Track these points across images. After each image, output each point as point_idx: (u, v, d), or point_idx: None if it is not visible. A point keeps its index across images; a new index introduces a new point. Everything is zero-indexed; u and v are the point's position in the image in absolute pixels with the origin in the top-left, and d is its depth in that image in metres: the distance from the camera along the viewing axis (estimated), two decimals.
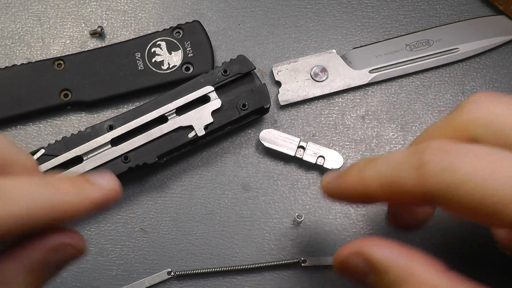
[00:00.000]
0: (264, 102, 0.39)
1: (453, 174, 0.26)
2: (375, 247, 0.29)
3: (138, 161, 0.38)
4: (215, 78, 0.39)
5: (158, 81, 0.41)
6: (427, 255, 0.29)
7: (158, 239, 0.39)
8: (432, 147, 0.27)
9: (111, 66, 0.41)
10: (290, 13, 0.44)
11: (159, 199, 0.40)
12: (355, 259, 0.29)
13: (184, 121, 0.38)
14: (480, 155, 0.26)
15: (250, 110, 0.39)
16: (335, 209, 0.40)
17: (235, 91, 0.40)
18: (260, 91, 0.39)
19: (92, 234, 0.39)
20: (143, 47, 0.41)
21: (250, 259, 0.39)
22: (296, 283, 0.39)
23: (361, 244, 0.29)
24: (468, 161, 0.26)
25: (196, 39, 0.42)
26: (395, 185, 0.28)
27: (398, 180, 0.28)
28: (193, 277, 0.39)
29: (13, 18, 0.43)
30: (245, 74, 0.40)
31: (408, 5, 0.44)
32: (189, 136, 0.38)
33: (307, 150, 0.40)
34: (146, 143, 0.38)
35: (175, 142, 0.38)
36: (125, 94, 0.41)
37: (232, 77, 0.39)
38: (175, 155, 0.40)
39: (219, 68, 0.39)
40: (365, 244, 0.29)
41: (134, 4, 0.44)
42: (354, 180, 0.30)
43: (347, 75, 0.42)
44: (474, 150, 0.26)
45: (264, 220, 0.40)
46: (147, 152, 0.38)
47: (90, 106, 0.41)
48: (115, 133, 0.38)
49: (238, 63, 0.39)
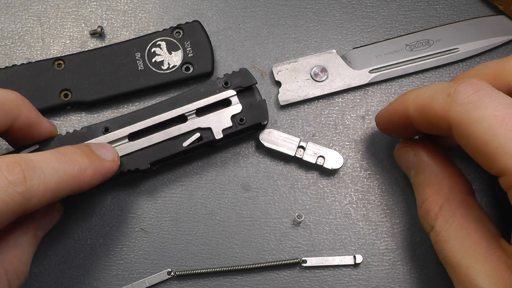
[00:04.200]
0: (262, 119, 0.39)
1: (474, 111, 0.29)
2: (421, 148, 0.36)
3: (130, 166, 0.37)
4: (215, 89, 0.39)
5: (158, 81, 0.41)
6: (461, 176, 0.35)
7: (158, 239, 0.39)
8: (468, 81, 0.31)
9: (111, 66, 0.41)
10: (290, 13, 0.44)
11: (159, 199, 0.40)
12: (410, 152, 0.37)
13: (203, 123, 0.38)
14: (504, 105, 0.29)
15: (247, 125, 0.38)
16: (335, 209, 0.40)
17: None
18: (259, 107, 0.39)
19: (93, 234, 0.39)
20: (143, 47, 0.41)
21: (250, 259, 0.39)
22: (296, 283, 0.39)
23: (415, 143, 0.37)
24: (491, 105, 0.29)
25: (196, 39, 0.42)
26: (428, 107, 0.32)
27: (430, 102, 0.32)
28: (193, 277, 0.39)
29: (13, 18, 0.43)
30: (246, 88, 0.39)
31: (408, 5, 0.44)
32: (183, 144, 0.38)
33: (307, 150, 0.40)
34: (141, 148, 0.38)
35: (169, 150, 0.38)
36: (125, 94, 0.41)
37: (233, 90, 0.39)
38: (168, 163, 0.39)
39: (221, 79, 0.39)
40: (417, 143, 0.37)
41: (134, 4, 0.44)
42: (398, 102, 0.35)
43: (347, 75, 0.42)
44: (501, 98, 0.29)
45: (264, 220, 0.40)
46: (141, 158, 0.37)
47: (90, 106, 0.41)
48: (110, 137, 0.37)
49: (240, 76, 0.39)
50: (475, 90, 0.30)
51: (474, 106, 0.29)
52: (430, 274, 0.39)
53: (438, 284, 0.39)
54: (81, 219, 0.39)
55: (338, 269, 0.39)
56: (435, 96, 0.31)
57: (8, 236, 0.32)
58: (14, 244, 0.32)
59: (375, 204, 0.40)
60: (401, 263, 0.39)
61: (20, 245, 0.32)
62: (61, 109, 0.41)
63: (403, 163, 0.38)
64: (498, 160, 0.28)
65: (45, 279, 0.38)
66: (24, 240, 0.33)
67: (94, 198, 0.40)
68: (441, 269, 0.39)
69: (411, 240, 0.40)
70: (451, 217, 0.33)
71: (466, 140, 0.29)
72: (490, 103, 0.29)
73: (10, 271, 0.31)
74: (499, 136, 0.28)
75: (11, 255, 0.32)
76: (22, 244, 0.33)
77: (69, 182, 0.30)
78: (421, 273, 0.39)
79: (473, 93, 0.30)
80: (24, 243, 0.33)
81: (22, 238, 0.33)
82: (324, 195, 0.40)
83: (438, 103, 0.31)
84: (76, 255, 0.39)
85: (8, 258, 0.32)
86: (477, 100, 0.29)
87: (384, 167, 0.41)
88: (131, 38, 0.42)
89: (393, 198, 0.40)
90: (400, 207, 0.40)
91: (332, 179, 0.41)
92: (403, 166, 0.38)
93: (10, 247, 0.32)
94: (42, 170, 0.29)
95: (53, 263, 0.39)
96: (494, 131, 0.28)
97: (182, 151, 0.38)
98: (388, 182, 0.41)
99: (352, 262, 0.39)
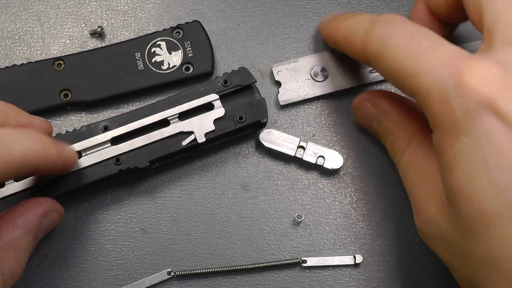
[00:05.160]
0: (261, 117, 0.39)
1: (384, 44, 0.32)
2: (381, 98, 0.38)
3: (129, 164, 0.37)
4: (215, 88, 0.39)
5: (158, 81, 0.41)
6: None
7: (158, 239, 0.39)
8: (384, 17, 0.33)
9: (111, 66, 0.41)
10: (290, 13, 0.44)
11: (159, 199, 0.40)
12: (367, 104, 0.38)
13: (185, 127, 0.38)
14: (412, 33, 0.31)
15: (246, 123, 0.39)
16: (335, 209, 0.40)
17: (233, 103, 0.39)
18: (259, 105, 0.39)
19: (92, 234, 0.39)
20: (143, 47, 0.41)
21: (250, 259, 0.39)
22: (296, 283, 0.39)
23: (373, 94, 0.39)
24: (399, 35, 0.32)
25: (196, 39, 0.42)
26: (350, 42, 0.36)
27: (351, 38, 0.35)
28: (193, 277, 0.39)
29: (13, 18, 0.43)
30: (246, 86, 0.39)
31: (409, 4, 0.44)
32: (182, 143, 0.38)
33: (307, 150, 0.40)
34: (140, 146, 0.38)
35: (168, 148, 0.38)
36: (125, 94, 0.41)
37: (232, 88, 0.39)
38: (168, 161, 0.39)
39: (220, 78, 0.39)
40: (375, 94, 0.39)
41: (134, 4, 0.44)
42: (332, 27, 0.38)
43: (347, 75, 0.42)
44: (410, 27, 0.32)
45: (264, 220, 0.40)
46: (140, 156, 0.38)
47: (90, 106, 0.41)
48: (110, 134, 0.38)
49: (240, 75, 0.39)
50: (389, 23, 0.33)
51: (385, 39, 0.32)
52: (430, 274, 0.39)
53: (438, 284, 0.39)
54: (81, 219, 0.39)
55: (338, 269, 0.39)
56: (355, 33, 0.35)
57: (9, 238, 0.32)
58: (14, 246, 0.32)
59: (375, 204, 0.40)
60: (401, 263, 0.39)
61: (20, 247, 0.33)
62: (61, 109, 0.41)
63: (362, 118, 0.39)
64: (408, 83, 0.31)
65: (45, 279, 0.38)
66: (24, 243, 0.33)
67: (94, 198, 0.40)
68: (441, 269, 0.39)
69: (411, 240, 0.40)
70: (416, 148, 0.34)
71: (384, 71, 0.33)
72: (400, 33, 0.32)
73: (6, 271, 0.32)
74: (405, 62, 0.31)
75: (10, 256, 0.32)
76: (22, 246, 0.33)
77: (34, 157, 0.31)
78: (421, 273, 0.39)
79: (386, 27, 0.33)
80: (24, 245, 0.33)
81: (23, 240, 0.33)
82: (324, 195, 0.40)
83: (358, 41, 0.34)
84: (76, 255, 0.39)
85: (7, 259, 0.32)
86: (388, 33, 0.32)
87: (384, 167, 0.41)
88: (131, 38, 0.42)
89: (393, 198, 0.40)
90: (400, 207, 0.40)
91: (332, 179, 0.41)
92: (363, 121, 0.40)
93: (10, 249, 0.32)
94: (6, 142, 0.30)
95: (53, 263, 0.39)
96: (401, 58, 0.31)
97: (181, 150, 0.38)
98: (388, 182, 0.41)
99: (352, 262, 0.39)
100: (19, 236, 0.33)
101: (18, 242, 0.33)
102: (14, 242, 0.32)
